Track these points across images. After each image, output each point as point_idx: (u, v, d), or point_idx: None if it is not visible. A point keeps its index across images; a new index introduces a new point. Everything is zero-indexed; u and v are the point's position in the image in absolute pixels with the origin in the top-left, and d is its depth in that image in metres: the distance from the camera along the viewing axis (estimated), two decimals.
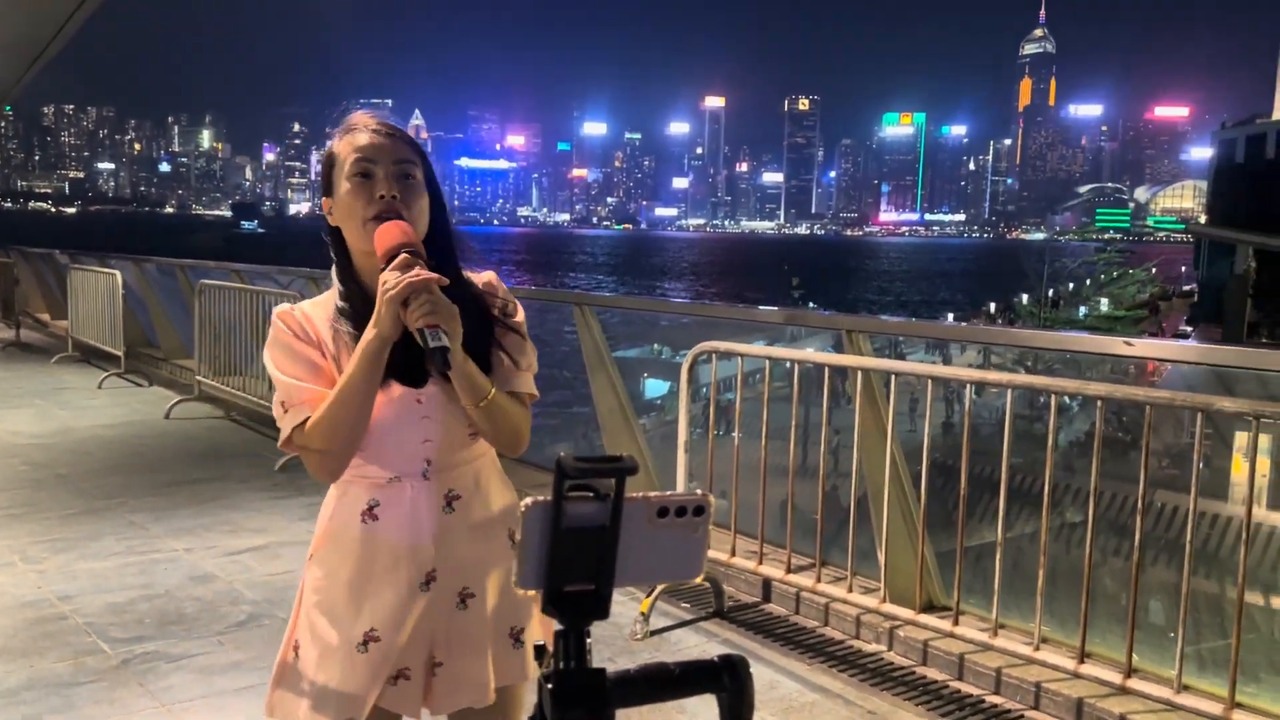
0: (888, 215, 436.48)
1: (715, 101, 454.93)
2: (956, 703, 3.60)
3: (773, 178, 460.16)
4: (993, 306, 54.42)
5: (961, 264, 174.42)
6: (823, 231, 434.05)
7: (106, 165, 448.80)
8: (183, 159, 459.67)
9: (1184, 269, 70.63)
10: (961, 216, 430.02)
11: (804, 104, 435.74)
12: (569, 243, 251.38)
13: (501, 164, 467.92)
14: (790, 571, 4.27)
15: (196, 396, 9.07)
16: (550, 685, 0.97)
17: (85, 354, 11.92)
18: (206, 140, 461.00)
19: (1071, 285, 51.89)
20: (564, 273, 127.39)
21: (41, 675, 3.68)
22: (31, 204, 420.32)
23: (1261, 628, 4.25)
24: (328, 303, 1.81)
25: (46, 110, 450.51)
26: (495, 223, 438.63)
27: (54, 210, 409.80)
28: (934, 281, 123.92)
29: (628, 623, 4.20)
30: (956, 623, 3.74)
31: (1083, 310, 45.93)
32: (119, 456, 7.20)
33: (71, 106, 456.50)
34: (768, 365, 4.41)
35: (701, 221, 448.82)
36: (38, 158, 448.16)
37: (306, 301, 1.84)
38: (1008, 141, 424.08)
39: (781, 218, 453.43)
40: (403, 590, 1.76)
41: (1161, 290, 56.79)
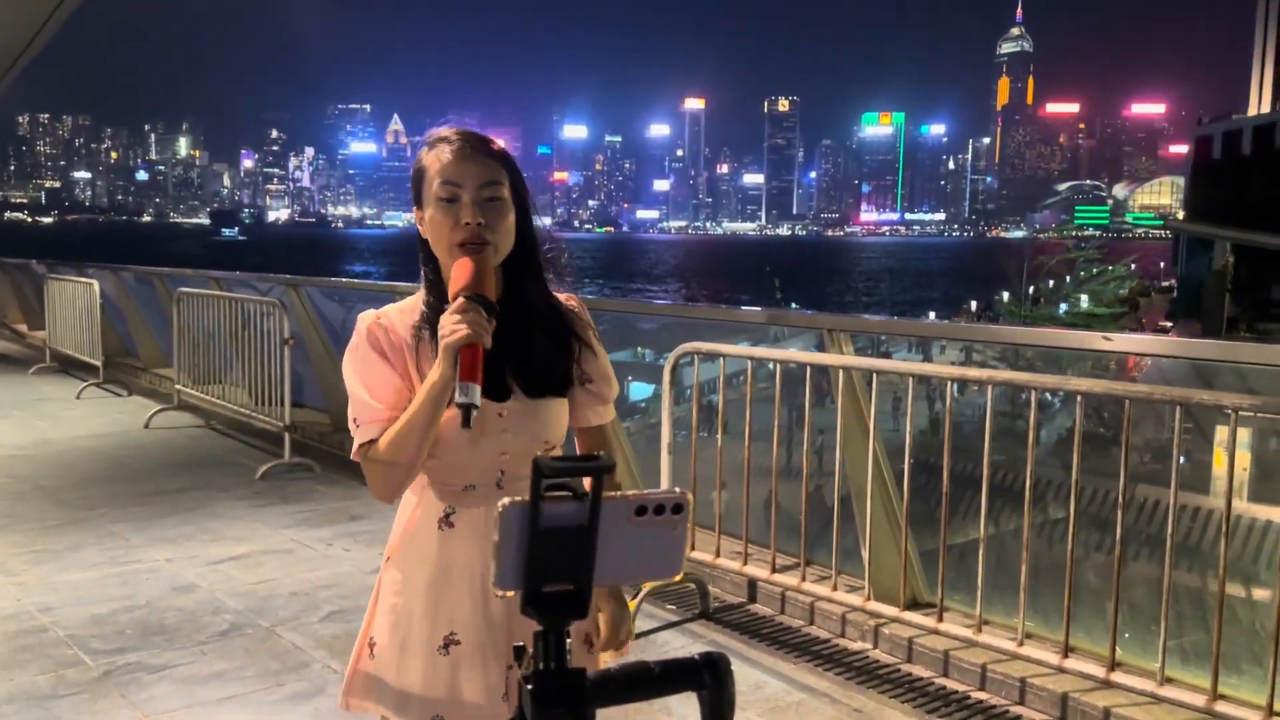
0: (868, 215, 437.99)
1: (695, 103, 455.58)
2: (942, 699, 3.61)
3: (753, 179, 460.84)
4: (974, 305, 54.65)
5: (942, 263, 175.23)
6: (804, 232, 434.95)
7: (83, 174, 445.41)
8: (160, 167, 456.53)
9: (1163, 265, 71.19)
10: (941, 215, 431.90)
11: (784, 105, 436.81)
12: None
13: None
14: (775, 571, 4.28)
15: (176, 406, 9.01)
16: (530, 686, 0.97)
17: (64, 364, 11.83)
18: (184, 148, 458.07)
19: (1051, 282, 52.17)
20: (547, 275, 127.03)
21: (22, 688, 3.64)
22: (7, 214, 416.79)
23: (1243, 620, 4.27)
24: (414, 309, 1.83)
25: (21, 119, 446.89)
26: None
27: (30, 220, 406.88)
28: (915, 280, 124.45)
29: None
30: (941, 620, 3.75)
31: (1063, 307, 46.16)
32: (99, 467, 7.15)
33: (47, 115, 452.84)
34: (750, 366, 4.41)
35: (683, 224, 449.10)
36: (13, 168, 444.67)
37: (392, 306, 1.86)
38: (986, 140, 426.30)
39: (763, 219, 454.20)
40: (479, 597, 1.79)
41: (1141, 286, 57.17)
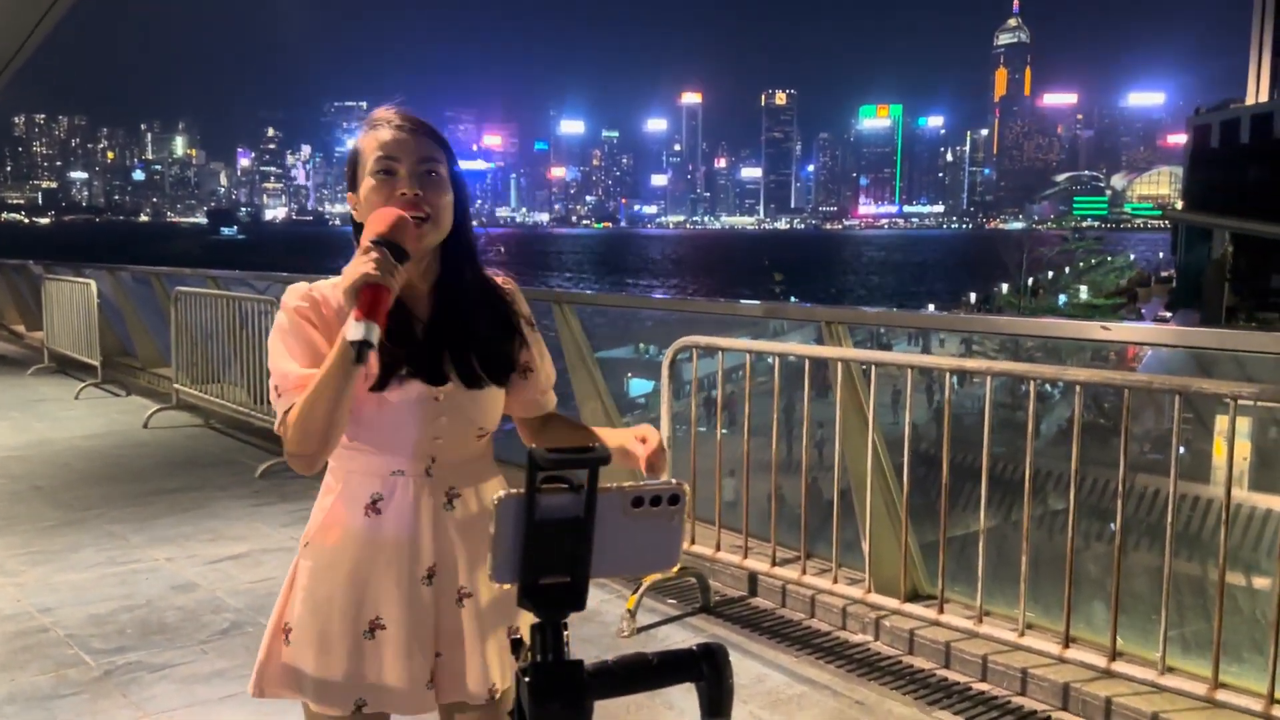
0: (867, 208, 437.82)
1: (692, 98, 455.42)
2: (943, 690, 3.61)
3: (751, 173, 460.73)
4: (973, 297, 54.66)
5: (941, 255, 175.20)
6: (802, 226, 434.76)
7: (79, 174, 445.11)
8: (156, 166, 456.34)
9: (1162, 255, 71.18)
10: (940, 208, 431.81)
11: (781, 98, 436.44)
12: (549, 242, 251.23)
13: (479, 164, 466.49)
14: (775, 565, 4.28)
15: (175, 405, 9.00)
16: (528, 678, 0.96)
17: (61, 365, 11.81)
18: (180, 147, 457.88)
19: (1050, 274, 52.15)
20: (544, 272, 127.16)
21: (22, 689, 3.64)
22: (4, 215, 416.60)
23: (1244, 608, 4.27)
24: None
25: (17, 120, 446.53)
26: (475, 224, 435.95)
27: (27, 221, 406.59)
28: (914, 273, 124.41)
29: (614, 620, 4.19)
30: (942, 611, 3.75)
31: (1062, 298, 46.18)
32: (98, 467, 7.14)
33: (43, 116, 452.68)
34: (748, 359, 4.41)
35: (681, 218, 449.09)
36: (9, 168, 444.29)
37: (325, 281, 1.81)
38: (984, 132, 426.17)
39: (761, 213, 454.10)
40: (405, 584, 1.76)
41: (1140, 276, 57.16)
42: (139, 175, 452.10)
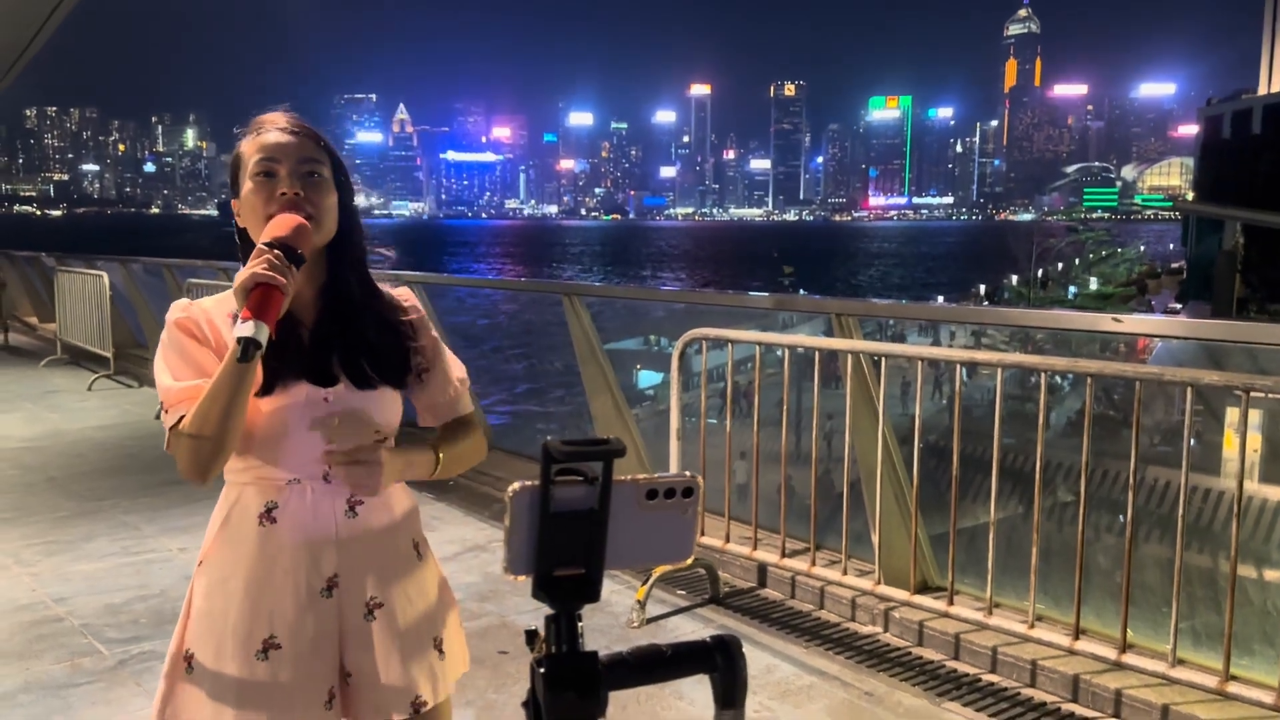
0: (876, 199, 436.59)
1: (701, 89, 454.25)
2: (953, 682, 3.61)
3: (760, 164, 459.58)
4: (982, 289, 54.50)
5: (950, 246, 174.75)
6: (811, 217, 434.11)
7: (91, 167, 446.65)
8: (167, 159, 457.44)
9: (1172, 246, 70.81)
10: (949, 199, 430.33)
11: (790, 89, 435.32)
12: (558, 234, 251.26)
13: (488, 157, 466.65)
14: (785, 556, 4.28)
15: None
16: (543, 669, 0.97)
17: (74, 356, 11.87)
18: (190, 139, 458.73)
19: (1060, 265, 51.99)
20: (554, 264, 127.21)
21: (38, 678, 3.67)
22: (16, 208, 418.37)
23: (1255, 601, 4.26)
24: (229, 299, 1.71)
25: (29, 113, 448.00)
26: (483, 216, 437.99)
27: (39, 213, 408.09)
28: (923, 265, 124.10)
29: (624, 611, 4.20)
30: (951, 603, 3.75)
31: (1072, 290, 46.06)
32: (111, 458, 7.18)
33: (54, 109, 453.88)
34: (758, 351, 4.41)
35: (690, 210, 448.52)
36: (21, 161, 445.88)
37: (208, 298, 1.78)
38: (994, 123, 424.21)
39: (770, 204, 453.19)
40: (303, 596, 1.69)
41: (1150, 268, 56.93)
42: (150, 168, 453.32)
